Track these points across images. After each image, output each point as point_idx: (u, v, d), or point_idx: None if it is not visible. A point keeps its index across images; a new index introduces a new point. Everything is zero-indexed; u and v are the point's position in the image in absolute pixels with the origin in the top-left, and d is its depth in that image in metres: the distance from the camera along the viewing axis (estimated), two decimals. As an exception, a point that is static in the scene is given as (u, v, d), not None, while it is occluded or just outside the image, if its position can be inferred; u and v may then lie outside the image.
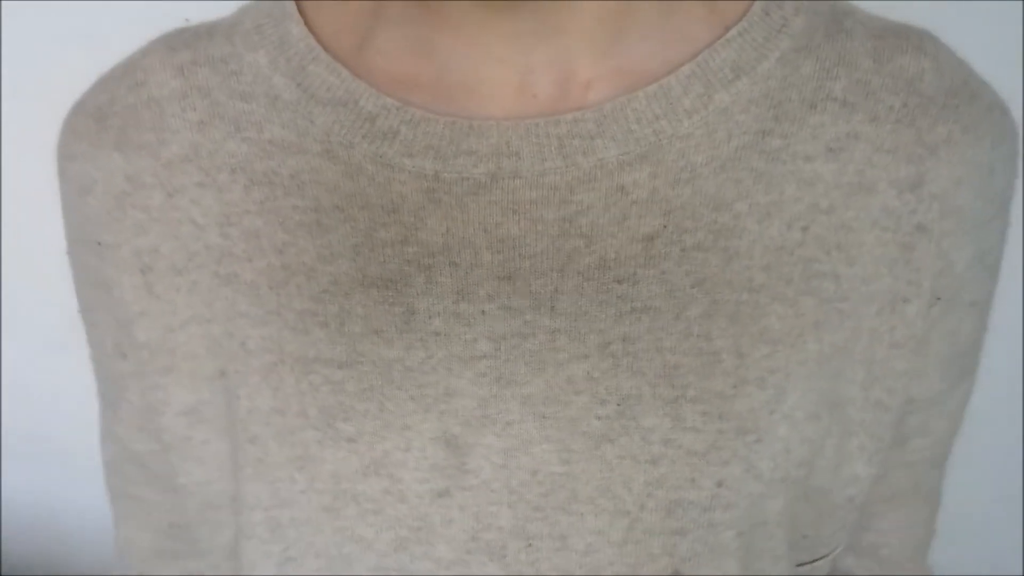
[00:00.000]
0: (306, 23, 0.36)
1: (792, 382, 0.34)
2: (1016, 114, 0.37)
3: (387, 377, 0.33)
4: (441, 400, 0.33)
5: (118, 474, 0.42)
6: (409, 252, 0.33)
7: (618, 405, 0.33)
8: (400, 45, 0.34)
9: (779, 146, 0.34)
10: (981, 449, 0.43)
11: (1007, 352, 0.70)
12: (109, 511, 0.44)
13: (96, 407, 0.42)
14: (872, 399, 0.36)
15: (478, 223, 0.33)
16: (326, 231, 0.34)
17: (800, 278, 0.34)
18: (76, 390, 0.53)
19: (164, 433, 0.37)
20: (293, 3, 0.36)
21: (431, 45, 0.34)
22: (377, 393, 0.33)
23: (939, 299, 0.35)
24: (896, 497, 0.41)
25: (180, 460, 0.37)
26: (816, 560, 0.40)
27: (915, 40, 0.35)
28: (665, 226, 0.33)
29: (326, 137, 0.34)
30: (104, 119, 0.37)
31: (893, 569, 0.43)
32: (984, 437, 0.42)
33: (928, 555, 0.45)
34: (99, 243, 0.37)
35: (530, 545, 0.33)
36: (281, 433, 0.34)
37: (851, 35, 0.35)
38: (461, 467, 0.33)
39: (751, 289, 0.33)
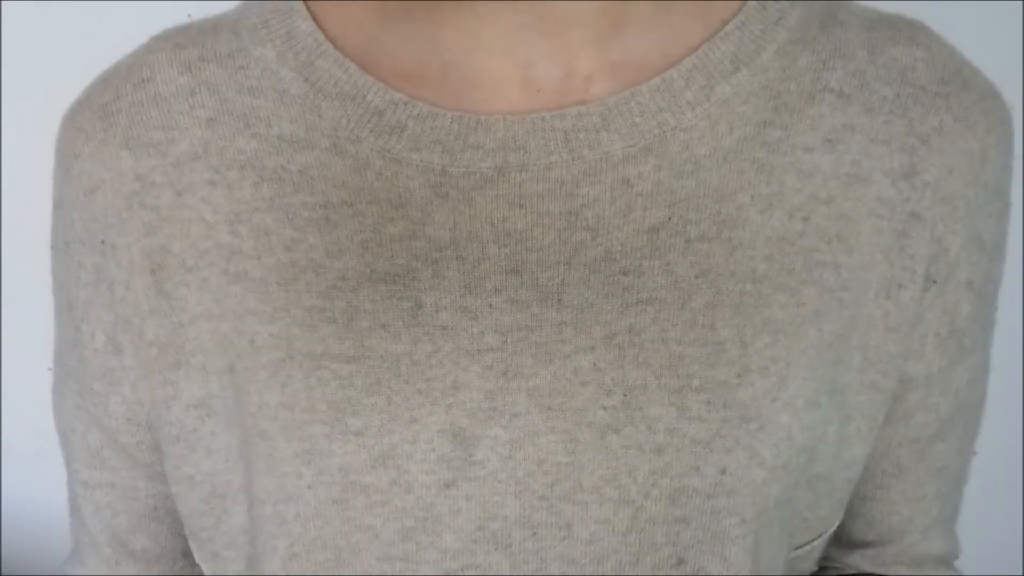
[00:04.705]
0: (313, 19, 0.36)
1: (794, 370, 0.34)
2: (1016, 112, 0.37)
3: (394, 371, 0.33)
4: (448, 393, 0.33)
5: (95, 464, 0.41)
6: (416, 247, 0.34)
7: (624, 396, 0.33)
8: (405, 42, 0.35)
9: (779, 137, 0.34)
10: (981, 449, 0.43)
11: (1007, 352, 0.70)
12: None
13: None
14: (867, 382, 0.37)
15: (485, 217, 0.34)
16: (334, 227, 0.34)
17: (802, 268, 0.34)
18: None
19: (171, 426, 0.38)
20: (300, 0, 0.36)
21: (435, 41, 0.34)
22: (385, 387, 0.33)
23: (934, 282, 0.36)
24: (902, 471, 0.41)
25: (189, 451, 0.38)
26: (813, 540, 0.40)
27: (908, 31, 0.36)
28: (670, 218, 0.34)
29: (334, 132, 0.34)
30: (110, 116, 0.37)
31: (908, 537, 0.43)
32: (984, 437, 0.43)
33: (953, 530, 0.44)
34: (103, 242, 0.37)
35: (535, 534, 0.34)
36: (289, 428, 0.34)
37: (845, 26, 0.36)
38: (468, 458, 0.33)
39: (754, 279, 0.34)
